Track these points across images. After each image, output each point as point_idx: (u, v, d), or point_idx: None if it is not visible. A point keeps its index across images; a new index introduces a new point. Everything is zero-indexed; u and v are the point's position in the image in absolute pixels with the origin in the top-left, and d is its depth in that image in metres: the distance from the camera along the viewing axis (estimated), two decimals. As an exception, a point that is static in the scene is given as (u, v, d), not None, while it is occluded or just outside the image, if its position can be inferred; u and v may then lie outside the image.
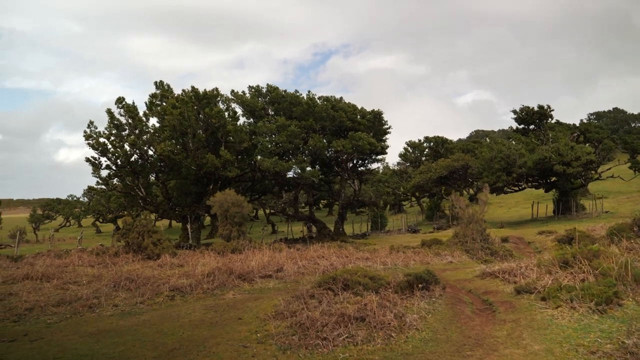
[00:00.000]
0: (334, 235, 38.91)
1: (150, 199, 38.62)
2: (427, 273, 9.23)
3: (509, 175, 43.47)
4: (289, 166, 33.08)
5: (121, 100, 35.72)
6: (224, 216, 23.94)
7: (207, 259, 19.14)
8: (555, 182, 46.53)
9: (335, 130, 38.17)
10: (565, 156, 40.47)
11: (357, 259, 17.57)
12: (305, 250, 21.56)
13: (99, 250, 21.58)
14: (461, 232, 21.76)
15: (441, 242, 24.08)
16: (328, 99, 37.90)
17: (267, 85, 36.84)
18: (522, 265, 11.07)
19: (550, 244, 27.39)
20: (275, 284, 12.17)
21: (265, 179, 39.45)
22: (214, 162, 33.24)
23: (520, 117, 49.43)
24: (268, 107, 37.69)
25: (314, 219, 39.65)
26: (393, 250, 22.14)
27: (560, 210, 45.96)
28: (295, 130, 33.06)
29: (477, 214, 22.27)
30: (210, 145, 36.11)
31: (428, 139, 68.60)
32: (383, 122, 40.26)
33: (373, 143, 35.54)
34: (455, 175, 56.59)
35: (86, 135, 35.21)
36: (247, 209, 24.70)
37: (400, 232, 46.04)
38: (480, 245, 20.86)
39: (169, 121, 33.91)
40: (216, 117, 33.80)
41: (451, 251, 19.28)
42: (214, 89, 35.64)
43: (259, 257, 18.27)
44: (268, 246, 25.57)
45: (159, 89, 39.55)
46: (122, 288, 11.56)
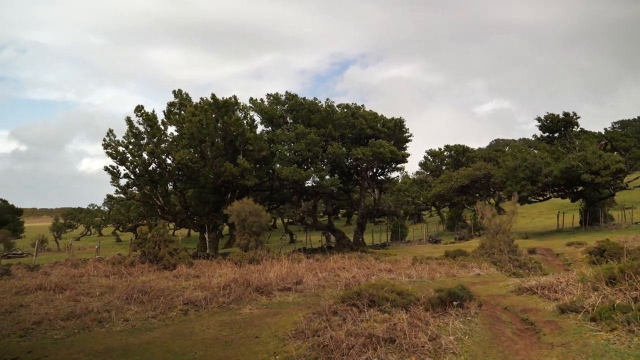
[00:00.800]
0: (353, 245, 38.11)
1: (168, 208, 38.35)
2: (461, 288, 8.47)
3: (534, 185, 42.18)
4: (308, 175, 32.47)
5: (140, 109, 35.64)
6: (241, 225, 23.40)
7: (224, 269, 18.58)
8: (582, 192, 45.03)
9: (355, 138, 37.52)
10: (594, 165, 39.09)
11: (380, 270, 16.80)
12: (325, 261, 20.86)
13: (115, 260, 21.19)
14: (488, 243, 20.83)
15: (466, 253, 23.14)
16: (348, 106, 37.31)
17: (285, 92, 36.45)
18: (561, 280, 10.21)
19: (581, 256, 26.20)
20: (295, 297, 11.50)
21: (283, 187, 38.92)
22: (231, 171, 32.82)
23: (545, 124, 48.07)
24: (286, 115, 37.25)
25: (332, 229, 38.92)
26: (416, 262, 21.30)
27: (588, 220, 44.41)
28: (314, 138, 32.49)
29: (504, 224, 21.32)
30: (229, 153, 35.74)
31: (448, 148, 67.46)
32: (404, 129, 39.50)
33: (394, 151, 34.79)
34: (477, 184, 55.38)
35: (105, 144, 35.17)
36: (265, 219, 24.13)
37: (420, 242, 45.00)
38: (508, 257, 19.90)
39: (187, 129, 33.65)
40: (235, 125, 33.43)
41: (478, 263, 18.38)
42: (232, 97, 35.36)
43: (277, 268, 17.63)
44: (286, 256, 24.95)
45: (177, 97, 39.45)
46: (134, 301, 11.01)
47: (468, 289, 8.79)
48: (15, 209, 67.81)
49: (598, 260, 24.19)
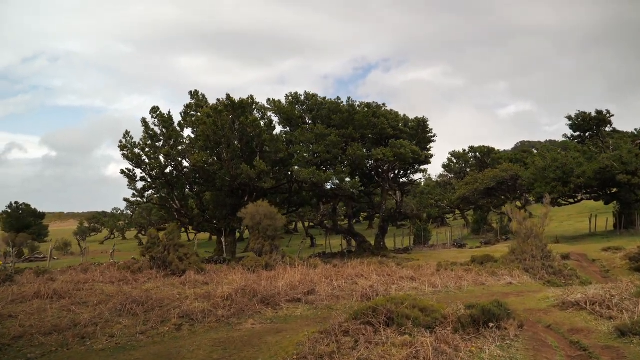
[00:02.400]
0: (374, 250, 36.71)
1: (185, 212, 37.60)
2: (497, 305, 7.14)
3: (566, 186, 40.08)
4: (327, 177, 31.26)
5: (156, 110, 35.01)
6: (255, 229, 22.32)
7: (235, 276, 17.49)
8: (616, 194, 42.67)
9: (376, 139, 36.18)
10: (630, 165, 36.87)
11: (401, 278, 15.47)
12: (343, 267, 19.61)
13: (125, 265, 20.32)
14: (518, 248, 19.27)
15: (494, 259, 21.58)
16: (369, 105, 35.99)
17: (304, 92, 35.32)
18: (613, 293, 8.75)
19: (620, 262, 24.32)
20: (304, 310, 10.30)
21: (302, 190, 37.80)
22: (248, 173, 31.85)
23: (576, 123, 45.85)
24: (306, 115, 36.14)
25: (353, 232, 37.60)
26: (441, 268, 19.87)
27: (622, 224, 42.03)
28: (334, 139, 31.27)
29: (537, 228, 19.73)
30: (245, 155, 34.81)
31: (473, 149, 65.32)
32: (428, 129, 37.98)
33: (416, 151, 33.33)
34: (504, 186, 53.31)
35: (121, 145, 34.62)
36: (281, 222, 23.02)
37: (445, 246, 43.28)
38: (541, 263, 18.32)
39: (202, 131, 32.86)
40: (251, 126, 32.47)
41: (509, 270, 16.86)
42: (249, 97, 34.43)
43: (290, 274, 16.48)
44: (303, 262, 23.76)
45: (193, 98, 38.76)
46: (127, 312, 9.97)
47: (505, 305, 7.44)
48: (38, 213, 68.33)
49: None
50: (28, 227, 64.30)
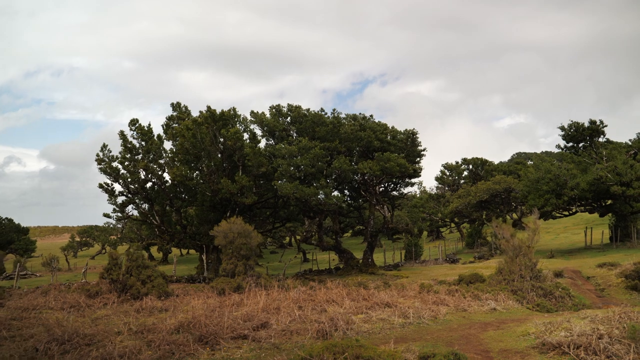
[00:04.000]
0: (362, 267, 35.39)
1: (166, 228, 36.26)
2: (455, 358, 5.86)
3: (559, 198, 38.92)
4: (311, 191, 30.01)
5: (135, 122, 33.85)
6: (228, 248, 21.01)
7: (198, 301, 16.14)
8: (611, 206, 41.51)
9: (363, 152, 35.04)
10: (625, 176, 35.76)
11: (375, 304, 14.16)
12: (319, 290, 18.28)
13: (85, 288, 18.95)
14: (506, 267, 18.00)
15: (482, 279, 20.29)
16: (355, 117, 34.90)
17: (287, 104, 34.20)
18: (602, 331, 7.47)
19: (616, 280, 23.06)
20: (247, 350, 8.97)
21: (289, 205, 36.54)
22: (229, 188, 30.60)
23: (569, 134, 44.79)
24: (290, 128, 35.00)
25: (340, 249, 36.26)
26: (423, 290, 18.56)
27: (618, 236, 40.83)
28: (318, 152, 30.08)
29: (525, 246, 18.47)
30: (228, 169, 33.62)
31: (466, 161, 64.26)
32: (417, 142, 36.83)
33: (403, 165, 32.12)
34: (497, 199, 52.23)
35: (98, 159, 33.40)
36: (256, 240, 21.73)
37: (437, 262, 41.92)
38: (530, 284, 17.04)
39: (181, 144, 31.69)
40: (232, 139, 31.26)
41: (494, 293, 15.57)
42: (231, 109, 33.29)
43: (258, 300, 15.17)
44: (282, 281, 22.43)
45: (175, 110, 37.65)
46: (41, 354, 8.64)
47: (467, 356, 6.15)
48: (22, 228, 66.74)
49: (637, 285, 21.10)
50: (10, 243, 62.67)
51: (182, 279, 33.16)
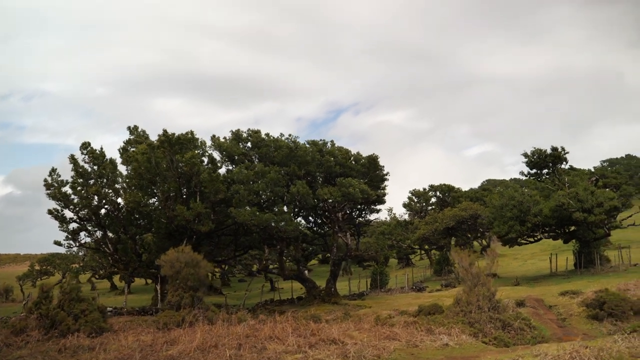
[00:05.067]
0: (325, 296, 34.20)
1: (119, 256, 34.50)
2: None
3: (523, 225, 38.79)
4: (269, 218, 28.97)
5: (86, 146, 32.40)
6: (174, 279, 19.71)
7: (132, 338, 14.80)
8: (574, 232, 41.63)
9: (326, 177, 34.32)
10: (586, 202, 35.89)
11: (321, 340, 13.13)
12: (267, 324, 17.12)
13: (11, 324, 17.33)
14: (464, 298, 17.24)
15: (441, 309, 19.48)
16: (315, 142, 34.26)
17: (247, 129, 33.38)
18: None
19: (577, 309, 22.54)
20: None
21: (251, 232, 35.32)
22: (184, 215, 29.32)
23: (532, 160, 45.17)
24: (251, 153, 34.09)
25: (302, 277, 35.08)
26: (379, 322, 17.60)
27: (582, 263, 40.81)
28: (274, 177, 29.20)
29: (484, 275, 17.79)
30: (185, 195, 32.37)
31: (434, 187, 64.32)
32: (379, 167, 36.35)
33: (365, 190, 31.45)
34: (464, 225, 52.05)
35: (47, 184, 31.72)
36: (205, 270, 20.49)
37: (403, 290, 41.02)
38: (488, 315, 16.29)
39: (135, 169, 30.40)
40: (189, 164, 30.13)
41: (449, 327, 14.72)
42: (189, 132, 32.18)
43: (196, 337, 13.96)
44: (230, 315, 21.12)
45: (132, 134, 36.32)
46: None
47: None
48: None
49: (597, 315, 20.60)
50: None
51: (133, 311, 31.47)
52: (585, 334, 18.36)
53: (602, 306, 20.34)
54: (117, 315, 30.22)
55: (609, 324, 19.31)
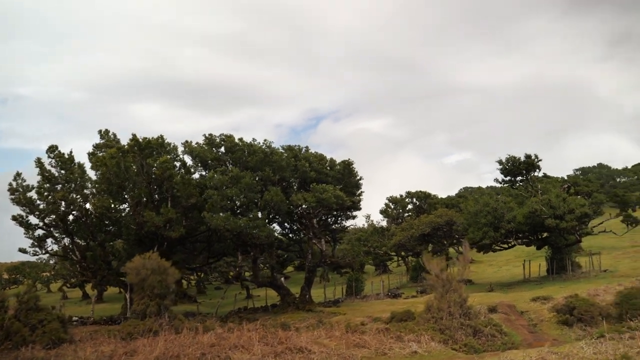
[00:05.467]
0: (299, 304, 33.77)
1: (87, 264, 33.50)
2: None
3: (497, 231, 39.09)
4: (243, 223, 28.49)
5: (53, 150, 31.44)
6: (140, 287, 19.09)
7: (91, 350, 14.18)
8: (547, 239, 42.14)
9: (301, 183, 34.00)
10: (558, 209, 36.35)
11: (288, 349, 12.75)
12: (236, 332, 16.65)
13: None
14: (435, 304, 17.07)
15: (413, 316, 19.28)
16: (291, 148, 33.96)
17: (220, 133, 32.87)
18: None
19: (548, 314, 22.62)
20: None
21: (225, 238, 34.67)
22: (154, 221, 28.61)
23: (506, 168, 45.68)
24: (225, 158, 33.54)
25: (276, 285, 34.57)
26: (350, 329, 17.29)
27: (554, 269, 41.31)
28: (248, 182, 28.74)
29: (455, 281, 17.66)
30: (156, 201, 31.65)
31: (410, 194, 64.55)
32: (354, 173, 36.22)
33: (340, 197, 31.21)
34: (440, 232, 52.17)
35: (11, 189, 30.64)
36: (173, 277, 19.91)
37: (378, 297, 40.81)
38: (459, 322, 16.13)
39: (103, 174, 29.61)
40: (160, 168, 29.48)
41: (419, 334, 14.50)
42: (159, 137, 31.52)
43: (157, 347, 13.44)
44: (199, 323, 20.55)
45: (103, 138, 35.44)
46: None
47: None
48: None
49: (567, 320, 20.68)
50: None
51: (101, 321, 30.54)
52: (555, 340, 18.37)
53: (572, 311, 20.43)
54: (83, 325, 29.30)
55: (579, 329, 19.39)
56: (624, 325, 15.13)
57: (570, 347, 10.54)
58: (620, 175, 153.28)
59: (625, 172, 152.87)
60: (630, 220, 63.07)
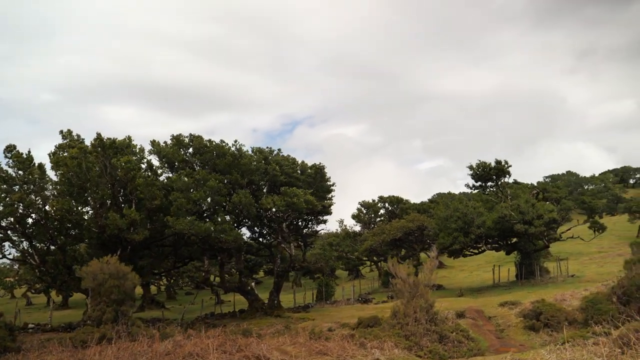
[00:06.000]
0: (267, 309, 33.12)
1: (47, 268, 32.14)
2: None
3: (467, 236, 39.22)
4: (207, 227, 27.73)
5: (11, 149, 30.09)
6: (96, 292, 18.22)
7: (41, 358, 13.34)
8: (516, 244, 42.54)
9: (270, 186, 33.41)
10: (527, 214, 36.67)
11: (245, 357, 12.19)
12: (195, 339, 15.96)
13: None
14: (401, 310, 16.72)
15: (380, 322, 18.91)
16: (261, 150, 33.37)
17: (189, 134, 32.08)
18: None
19: (515, 319, 22.57)
20: None
21: (192, 243, 33.76)
22: (116, 223, 27.59)
23: (477, 173, 45.98)
24: (192, 160, 32.73)
25: (244, 290, 33.83)
26: (313, 336, 16.79)
27: (523, 274, 41.71)
28: (214, 185, 28.02)
29: (422, 286, 17.36)
30: (120, 203, 30.61)
31: (383, 199, 64.50)
32: (326, 177, 35.82)
33: (310, 201, 30.75)
34: (411, 237, 52.22)
35: (-36, 191, 29.17)
36: (132, 282, 19.08)
37: (349, 302, 40.48)
38: (425, 328, 15.80)
39: (64, 174, 28.47)
40: (124, 169, 28.51)
41: (382, 340, 14.10)
42: (126, 137, 30.57)
43: (101, 357, 12.70)
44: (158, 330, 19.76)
45: (65, 138, 34.14)
46: None
47: None
48: None
49: (534, 325, 20.63)
50: None
51: (59, 328, 29.37)
52: (522, 345, 18.25)
53: (539, 317, 20.39)
54: (40, 332, 28.07)
55: (545, 335, 19.33)
56: (589, 330, 15.05)
57: (534, 353, 10.30)
58: (588, 182, 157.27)
59: (593, 180, 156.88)
60: (597, 227, 64.29)
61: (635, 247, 21.51)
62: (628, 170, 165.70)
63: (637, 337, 9.28)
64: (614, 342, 9.71)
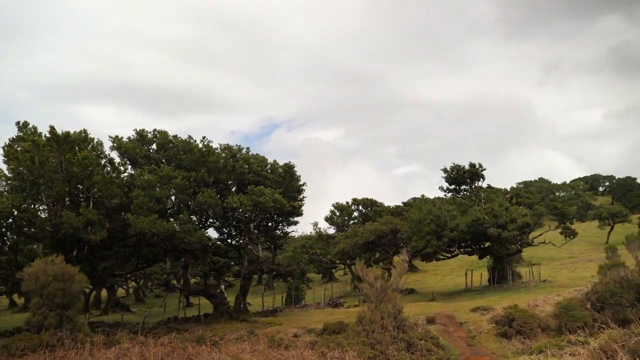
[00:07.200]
0: (233, 313, 31.74)
1: (-5, 269, 30.12)
2: None
3: (440, 240, 38.53)
4: (170, 227, 26.28)
5: (-41, 143, 28.14)
6: (38, 295, 16.68)
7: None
8: (489, 248, 42.07)
9: (238, 185, 32.12)
10: (500, 218, 36.17)
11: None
12: (140, 348, 14.61)
13: None
14: (367, 316, 15.67)
15: (345, 329, 17.83)
16: (229, 147, 32.06)
17: (153, 129, 30.56)
18: None
19: (487, 326, 21.75)
20: None
21: (156, 243, 32.15)
22: (71, 222, 25.89)
23: (451, 176, 45.42)
24: (156, 156, 31.21)
25: (209, 293, 32.38)
26: (273, 343, 15.62)
27: (496, 279, 41.25)
28: (180, 183, 26.60)
29: (390, 290, 16.36)
30: (77, 201, 28.88)
31: (356, 201, 63.64)
32: (296, 177, 34.72)
33: (279, 200, 29.57)
34: (384, 240, 51.38)
35: None
36: (78, 285, 17.58)
37: (319, 306, 39.32)
38: (392, 335, 14.78)
39: (15, 169, 26.66)
40: (80, 165, 26.83)
41: (344, 350, 13.02)
42: (82, 131, 28.87)
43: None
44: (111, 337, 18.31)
45: (21, 131, 32.17)
46: None
47: None
48: None
49: (506, 332, 19.83)
50: None
51: (6, 332, 27.47)
52: (494, 353, 17.43)
53: (511, 323, 19.61)
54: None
55: (518, 342, 18.54)
56: (564, 339, 14.27)
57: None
58: (559, 189, 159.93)
59: (564, 187, 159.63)
60: (568, 232, 64.69)
61: (610, 251, 20.95)
62: (598, 178, 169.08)
63: (619, 347, 8.40)
64: (593, 353, 8.82)
